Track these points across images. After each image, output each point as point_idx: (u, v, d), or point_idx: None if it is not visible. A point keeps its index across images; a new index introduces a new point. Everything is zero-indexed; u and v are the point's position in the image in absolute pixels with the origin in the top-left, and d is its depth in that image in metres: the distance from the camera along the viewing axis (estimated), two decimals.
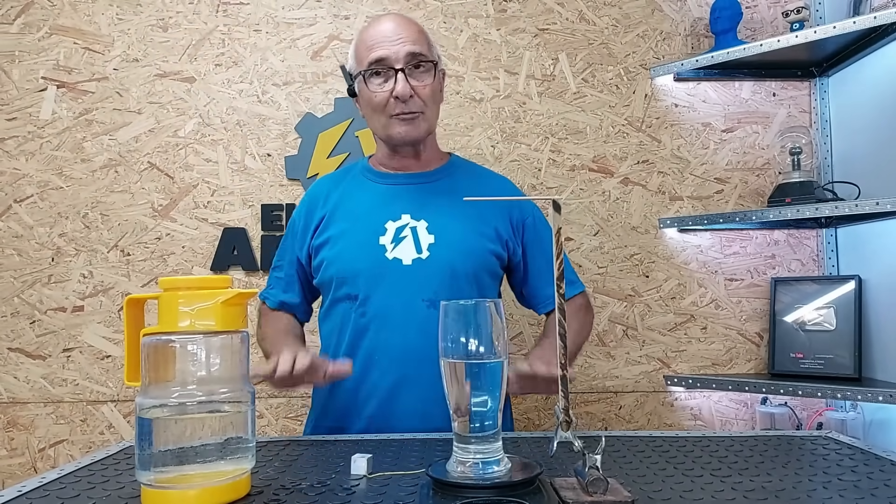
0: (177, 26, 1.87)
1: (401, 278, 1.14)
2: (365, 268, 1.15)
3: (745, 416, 1.83)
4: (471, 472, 0.70)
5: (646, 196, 1.87)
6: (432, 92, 1.18)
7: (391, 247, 1.16)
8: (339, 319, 1.19)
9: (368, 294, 1.15)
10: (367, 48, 1.16)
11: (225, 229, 1.82)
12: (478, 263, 1.18)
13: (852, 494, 0.67)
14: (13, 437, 1.79)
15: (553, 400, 1.80)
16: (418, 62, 1.15)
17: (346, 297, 1.17)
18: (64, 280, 1.82)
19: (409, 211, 1.19)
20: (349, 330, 1.16)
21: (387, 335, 1.13)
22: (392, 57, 1.14)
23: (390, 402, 1.12)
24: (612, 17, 1.90)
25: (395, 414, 1.12)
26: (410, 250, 1.15)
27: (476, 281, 1.18)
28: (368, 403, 1.13)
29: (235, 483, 0.68)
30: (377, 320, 1.14)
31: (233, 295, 0.69)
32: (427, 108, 1.18)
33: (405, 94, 1.13)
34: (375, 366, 1.13)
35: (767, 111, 1.89)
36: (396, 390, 1.12)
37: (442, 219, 1.18)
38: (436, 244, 1.16)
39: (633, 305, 1.85)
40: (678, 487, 0.70)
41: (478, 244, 1.19)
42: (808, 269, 1.85)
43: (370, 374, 1.13)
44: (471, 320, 0.71)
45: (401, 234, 1.17)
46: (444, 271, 1.14)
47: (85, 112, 1.85)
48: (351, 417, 1.15)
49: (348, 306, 1.17)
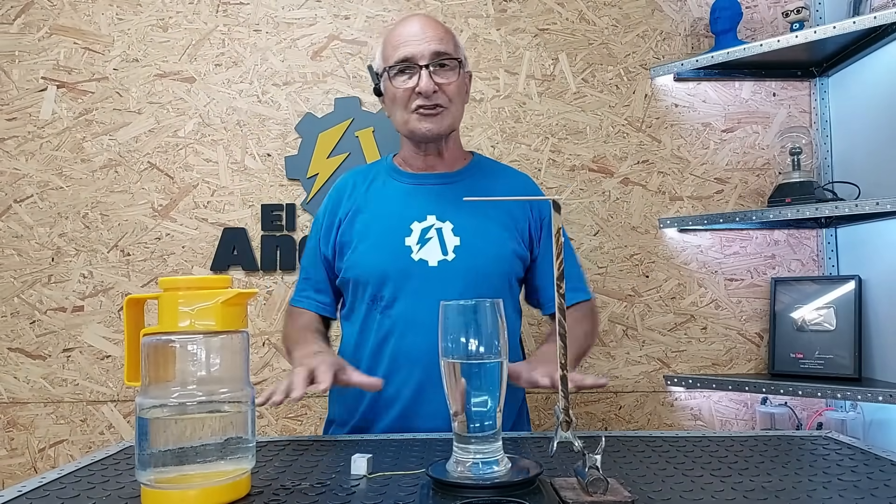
0: (177, 26, 1.87)
1: (426, 280, 1.13)
2: (390, 270, 1.15)
3: (745, 417, 1.83)
4: (471, 472, 0.70)
5: (646, 196, 1.87)
6: (457, 89, 1.18)
7: (417, 248, 1.15)
8: (361, 321, 1.18)
9: (395, 296, 1.14)
10: (393, 47, 1.17)
11: (225, 229, 1.82)
12: (503, 266, 1.18)
13: (852, 494, 0.67)
14: (13, 437, 1.79)
15: (553, 400, 1.80)
16: (443, 61, 1.16)
17: (370, 298, 1.16)
18: (64, 280, 1.82)
19: (435, 212, 1.18)
20: (373, 332, 1.15)
21: (412, 338, 1.12)
22: (417, 54, 1.14)
23: (415, 405, 1.11)
24: (612, 18, 1.90)
25: (420, 416, 1.11)
26: (436, 252, 1.15)
27: (500, 283, 1.18)
28: (393, 406, 1.12)
29: (235, 483, 0.68)
30: (402, 323, 1.13)
31: (233, 295, 0.69)
32: (451, 103, 1.17)
33: (428, 90, 1.13)
34: (400, 369, 1.12)
35: (767, 111, 1.89)
36: (421, 393, 1.11)
37: (468, 220, 1.18)
38: (461, 246, 1.15)
39: (633, 305, 1.85)
40: (678, 487, 0.70)
41: (503, 247, 1.18)
42: (808, 270, 1.85)
43: (395, 377, 1.12)
44: (471, 320, 0.71)
45: (426, 235, 1.16)
46: (469, 274, 1.14)
47: (85, 112, 1.85)
48: (375, 420, 1.14)
49: (372, 308, 1.16)
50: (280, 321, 1.82)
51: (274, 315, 1.83)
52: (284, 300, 1.83)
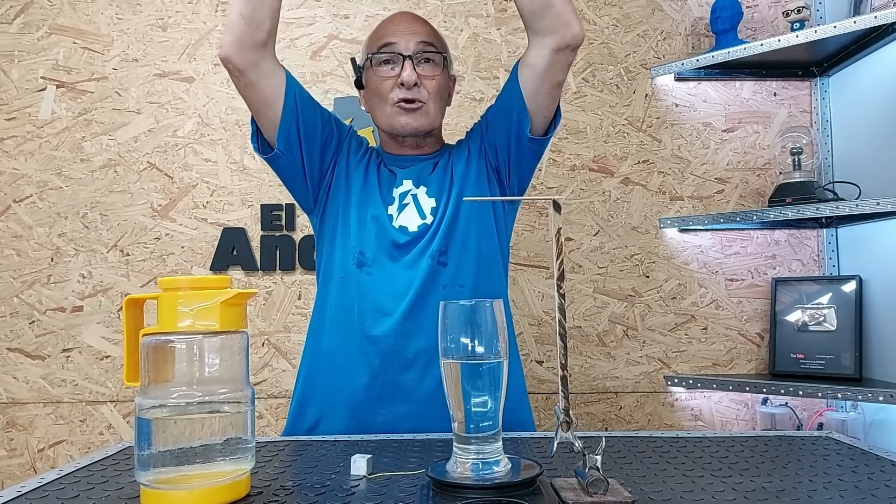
0: (176, 26, 1.87)
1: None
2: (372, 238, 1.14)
3: (745, 417, 1.83)
4: (470, 472, 0.69)
5: (646, 196, 1.87)
6: (438, 86, 1.17)
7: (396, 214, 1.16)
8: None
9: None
10: (378, 37, 1.18)
11: (224, 229, 1.82)
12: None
13: (853, 495, 0.67)
14: (12, 438, 1.79)
15: (553, 400, 1.80)
16: (427, 55, 1.16)
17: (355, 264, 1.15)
18: (63, 280, 1.82)
19: (412, 178, 1.19)
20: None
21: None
22: (402, 44, 1.15)
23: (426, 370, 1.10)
24: (612, 17, 1.89)
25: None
26: (414, 217, 1.15)
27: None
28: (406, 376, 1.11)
29: (235, 483, 0.68)
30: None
31: (232, 295, 0.69)
32: (431, 100, 1.17)
33: (410, 80, 1.13)
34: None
35: (768, 111, 1.88)
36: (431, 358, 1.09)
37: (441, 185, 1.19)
38: (437, 208, 1.16)
39: (634, 306, 1.85)
40: (678, 488, 0.70)
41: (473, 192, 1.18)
42: (808, 270, 1.85)
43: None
44: (471, 320, 0.71)
45: (404, 200, 1.17)
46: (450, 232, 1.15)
47: (84, 112, 1.85)
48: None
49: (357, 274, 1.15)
50: (280, 321, 1.82)
51: (274, 315, 1.83)
52: (284, 300, 1.82)
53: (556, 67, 1.12)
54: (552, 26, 1.09)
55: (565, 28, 1.09)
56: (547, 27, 1.09)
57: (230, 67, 1.10)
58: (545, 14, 1.09)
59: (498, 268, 1.20)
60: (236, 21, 1.08)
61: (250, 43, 1.08)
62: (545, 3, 1.08)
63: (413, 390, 1.08)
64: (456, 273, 1.12)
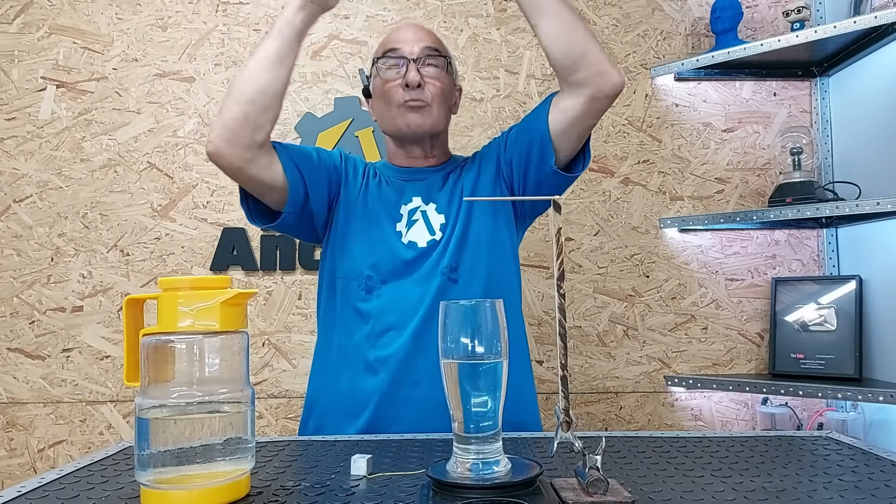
0: (176, 26, 1.87)
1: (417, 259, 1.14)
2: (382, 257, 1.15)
3: (745, 417, 1.83)
4: (470, 472, 0.69)
5: (646, 196, 1.87)
6: (442, 89, 1.18)
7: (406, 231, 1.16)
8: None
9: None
10: (383, 45, 1.21)
11: (224, 229, 1.82)
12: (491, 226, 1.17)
13: (853, 495, 0.67)
14: (12, 438, 1.79)
15: (553, 400, 1.79)
16: (431, 60, 1.17)
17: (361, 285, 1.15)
18: (63, 280, 1.82)
19: (420, 195, 1.19)
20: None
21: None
22: (406, 48, 1.17)
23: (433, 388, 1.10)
24: (612, 17, 1.89)
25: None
26: (423, 233, 1.16)
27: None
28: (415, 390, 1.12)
29: (235, 483, 0.68)
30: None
31: (232, 295, 0.69)
32: (435, 102, 1.17)
33: (414, 80, 1.14)
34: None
35: (768, 111, 1.88)
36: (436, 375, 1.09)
37: (451, 201, 1.19)
38: (447, 224, 1.16)
39: (634, 305, 1.85)
40: (678, 488, 0.70)
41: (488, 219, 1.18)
42: (808, 270, 1.85)
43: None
44: (471, 320, 0.71)
45: (413, 217, 1.17)
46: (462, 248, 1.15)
47: (84, 112, 1.85)
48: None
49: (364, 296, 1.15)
50: (280, 321, 1.82)
51: (274, 315, 1.83)
52: (284, 300, 1.82)
53: (590, 115, 1.10)
54: (587, 78, 1.06)
55: (601, 79, 1.06)
56: (582, 79, 1.06)
57: (222, 165, 1.06)
58: (579, 66, 1.05)
59: (510, 281, 1.20)
60: (237, 119, 1.03)
61: (247, 143, 1.05)
62: (579, 55, 1.04)
63: (423, 403, 1.08)
64: (466, 290, 1.12)
